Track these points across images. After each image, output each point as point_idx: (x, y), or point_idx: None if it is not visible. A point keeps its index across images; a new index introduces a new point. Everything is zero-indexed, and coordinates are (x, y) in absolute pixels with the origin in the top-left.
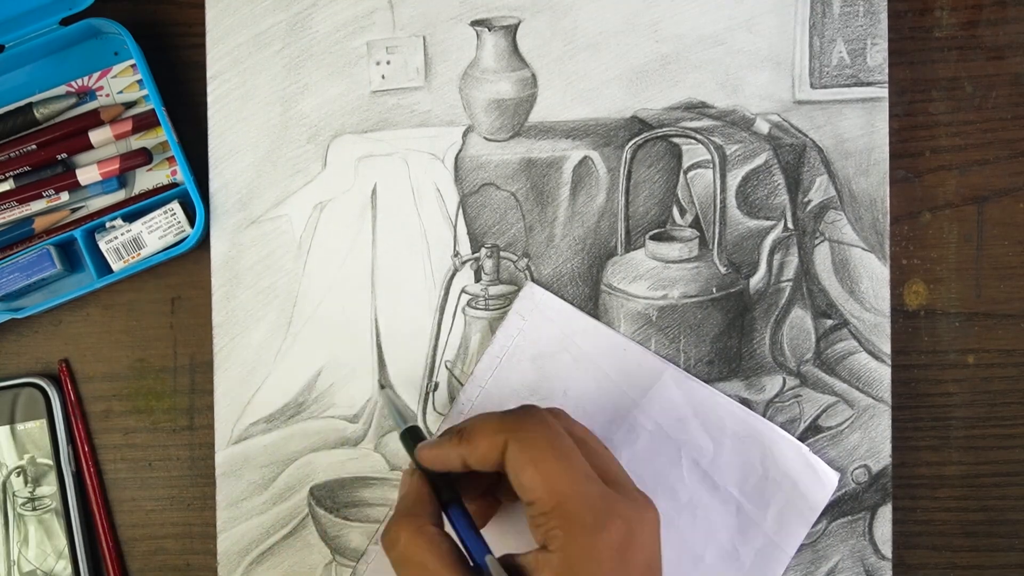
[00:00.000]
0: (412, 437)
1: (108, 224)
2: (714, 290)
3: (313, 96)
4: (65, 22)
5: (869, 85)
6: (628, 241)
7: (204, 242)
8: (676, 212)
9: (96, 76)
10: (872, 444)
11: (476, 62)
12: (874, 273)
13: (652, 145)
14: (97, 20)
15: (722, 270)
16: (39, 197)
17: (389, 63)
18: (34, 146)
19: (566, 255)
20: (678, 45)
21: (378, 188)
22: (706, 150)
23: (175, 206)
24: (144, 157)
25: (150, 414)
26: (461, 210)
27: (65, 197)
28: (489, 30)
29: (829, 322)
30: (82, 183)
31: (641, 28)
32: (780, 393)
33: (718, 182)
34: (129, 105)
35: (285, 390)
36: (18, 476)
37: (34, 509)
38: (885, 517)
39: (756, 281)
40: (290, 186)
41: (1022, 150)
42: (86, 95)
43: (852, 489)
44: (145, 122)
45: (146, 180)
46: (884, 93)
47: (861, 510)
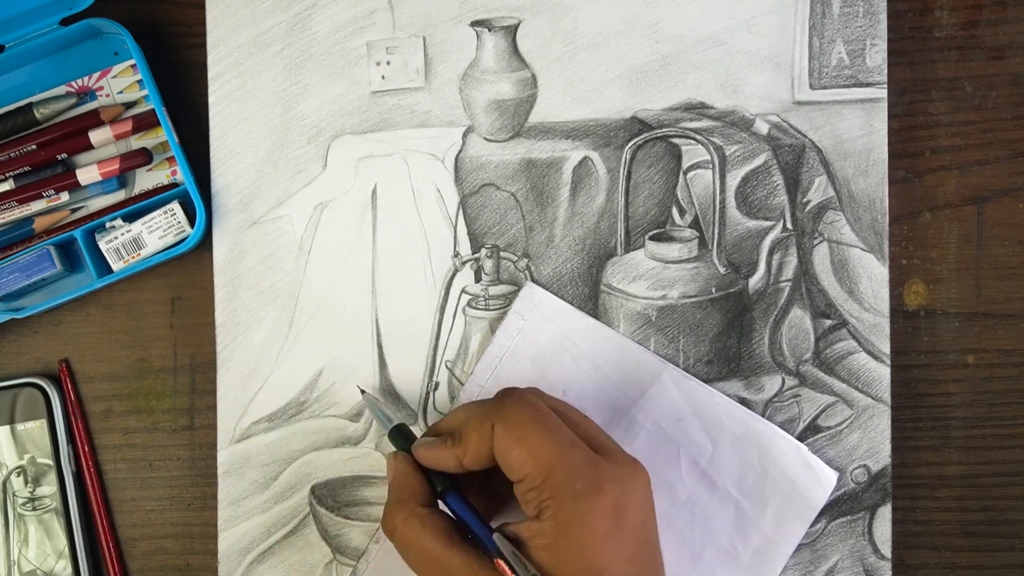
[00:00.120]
0: (400, 435)
1: (108, 224)
2: (713, 290)
3: (313, 97)
4: (65, 22)
5: (868, 86)
6: (628, 241)
7: (204, 242)
8: (676, 212)
9: (96, 76)
10: (871, 444)
11: (476, 63)
12: (873, 273)
13: (652, 146)
14: (97, 20)
15: (721, 270)
16: (39, 197)
17: (389, 63)
18: (34, 146)
19: (566, 255)
20: (678, 45)
21: (378, 188)
22: (706, 151)
23: (175, 206)
24: (144, 157)
25: (150, 414)
26: (461, 210)
27: (65, 197)
28: (489, 30)
29: (828, 322)
30: (82, 183)
31: (641, 28)
32: (779, 393)
33: (717, 182)
34: (129, 105)
35: (286, 389)
36: (18, 476)
37: (34, 509)
38: (885, 517)
39: (755, 281)
40: (291, 187)
41: (1022, 150)
42: (86, 95)
43: (851, 489)
44: (145, 122)
45: (146, 180)
46: (883, 94)
47: (860, 510)
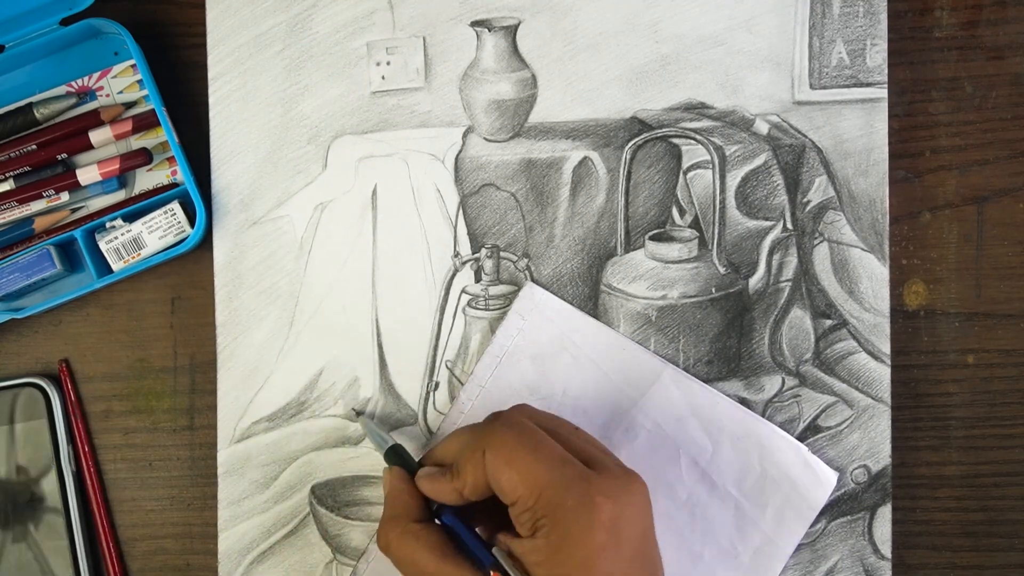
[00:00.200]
0: (396, 455)
1: (108, 224)
2: (713, 290)
3: (313, 97)
4: (65, 22)
5: (868, 86)
6: (628, 241)
7: (204, 242)
8: (676, 212)
9: (96, 76)
10: (871, 444)
11: (476, 63)
12: (873, 273)
13: (652, 146)
14: (97, 20)
15: (721, 270)
16: (39, 197)
17: (389, 64)
18: (34, 146)
19: (566, 255)
20: (678, 45)
21: (378, 189)
22: (706, 151)
23: (175, 206)
24: (144, 157)
25: (150, 414)
26: (461, 211)
27: (65, 197)
28: (489, 31)
29: (828, 322)
30: (82, 183)
31: (641, 28)
32: (779, 393)
33: (717, 183)
34: (129, 105)
35: (287, 389)
36: (19, 476)
37: (35, 509)
38: (885, 517)
39: (755, 281)
40: (291, 187)
41: (1022, 150)
42: (86, 95)
43: (851, 489)
44: (145, 122)
45: (146, 180)
46: (883, 94)
47: (860, 510)
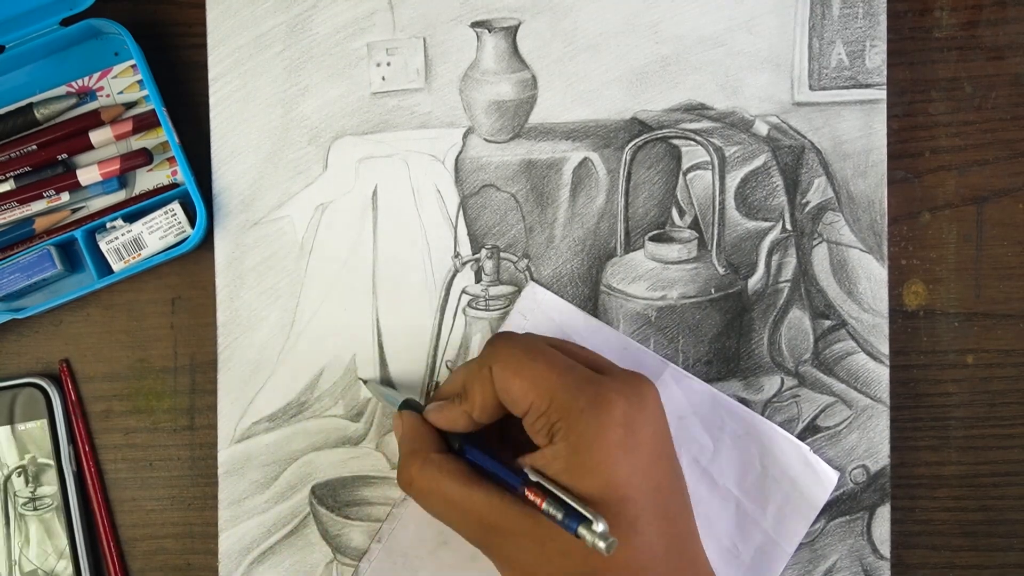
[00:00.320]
0: (410, 407)
1: (109, 224)
2: (713, 291)
3: (314, 98)
4: (65, 22)
5: (868, 87)
6: (627, 242)
7: (205, 242)
8: (675, 213)
9: (96, 76)
10: (870, 444)
11: (476, 63)
12: (872, 274)
13: (652, 147)
14: (97, 20)
15: (721, 271)
16: (40, 197)
17: (389, 65)
18: (34, 146)
19: (566, 256)
20: (678, 46)
21: (379, 189)
22: (705, 152)
23: (175, 206)
24: (145, 157)
25: (150, 414)
26: (461, 211)
27: (66, 197)
28: (489, 31)
29: (827, 323)
30: (83, 183)
31: (641, 29)
32: (778, 393)
33: (717, 183)
34: (129, 105)
35: (287, 389)
36: (19, 476)
37: (35, 509)
38: (884, 517)
39: (754, 282)
40: (291, 188)
41: (1022, 150)
42: (86, 95)
43: (850, 489)
44: (145, 122)
45: (147, 180)
46: (882, 95)
47: (859, 510)
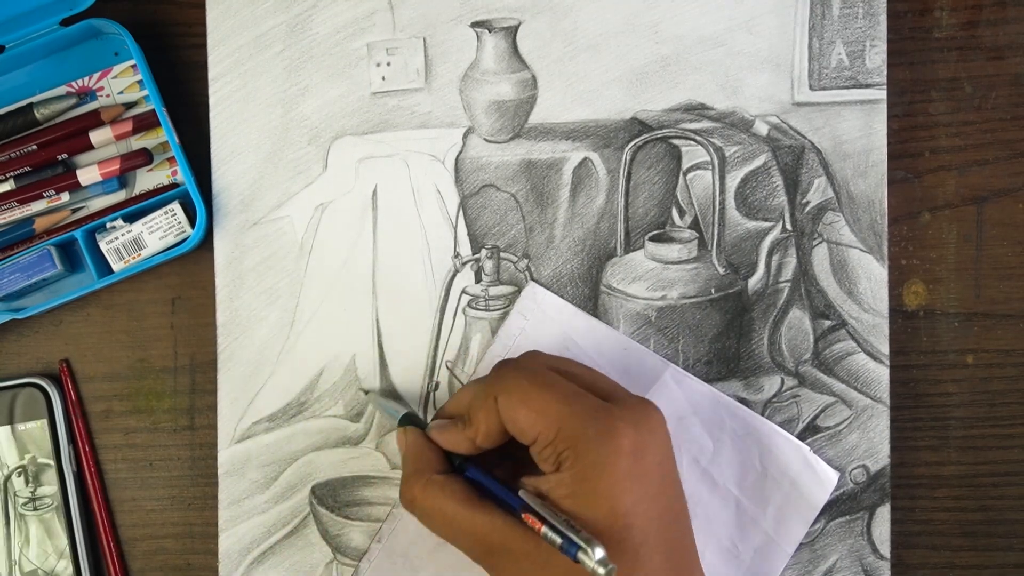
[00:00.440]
0: (411, 422)
1: (109, 224)
2: (713, 291)
3: (314, 98)
4: (65, 22)
5: (868, 87)
6: (627, 242)
7: (205, 243)
8: (675, 213)
9: (96, 76)
10: (870, 444)
11: (476, 63)
12: (872, 274)
13: (652, 147)
14: (97, 20)
15: (721, 271)
16: (40, 197)
17: (389, 64)
18: (35, 146)
19: (566, 256)
20: (678, 46)
21: (379, 189)
22: (705, 152)
23: (175, 206)
24: (145, 157)
25: (150, 414)
26: (461, 211)
27: (66, 197)
28: (489, 31)
29: (827, 323)
30: (83, 183)
31: (641, 29)
32: (778, 393)
33: (717, 183)
34: (129, 105)
35: (287, 389)
36: (19, 476)
37: (35, 509)
38: (883, 517)
39: (754, 282)
40: (291, 188)
41: (1022, 150)
42: (86, 95)
43: (850, 489)
44: (145, 122)
45: (147, 180)
46: (883, 95)
47: (859, 510)
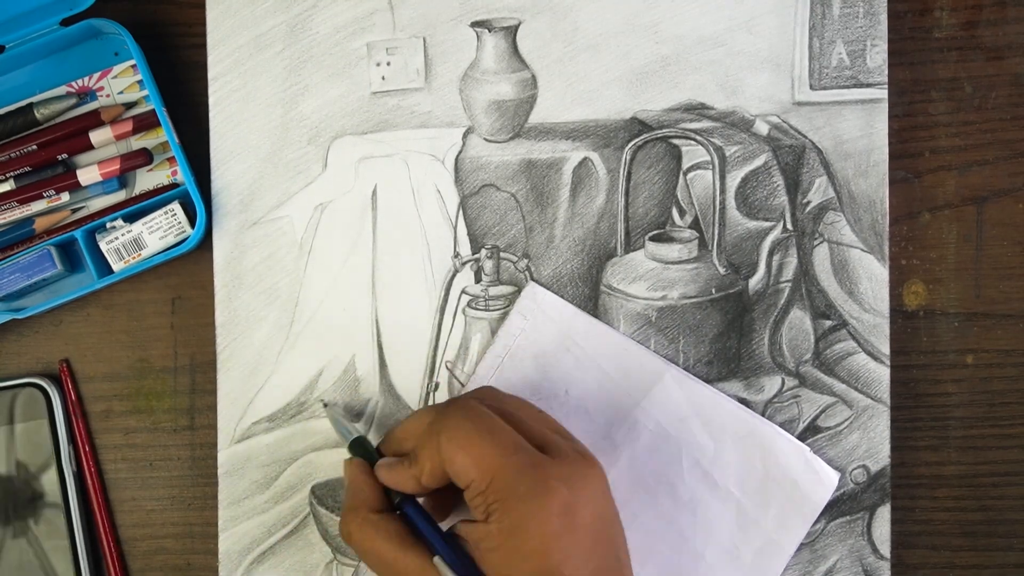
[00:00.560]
0: (360, 446)
1: (109, 224)
2: (713, 291)
3: (313, 97)
4: (65, 22)
5: (868, 86)
6: (628, 242)
7: (204, 242)
8: (675, 213)
9: (96, 76)
10: (871, 444)
11: (476, 63)
12: (873, 274)
13: (652, 146)
14: (97, 20)
15: (721, 271)
16: (40, 197)
17: (389, 64)
18: (35, 146)
19: (566, 256)
20: (678, 46)
21: (378, 189)
22: (706, 151)
23: (175, 206)
24: (145, 157)
25: (150, 414)
26: (461, 211)
27: (66, 197)
28: (489, 31)
29: (828, 323)
30: (83, 183)
31: (641, 29)
32: (779, 393)
33: (717, 183)
34: (129, 105)
35: (287, 389)
36: (19, 476)
37: (35, 509)
38: (884, 517)
39: (755, 282)
40: (291, 187)
41: (1022, 150)
42: (86, 95)
43: (851, 489)
44: (145, 122)
45: (147, 180)
46: (883, 94)
47: (860, 510)
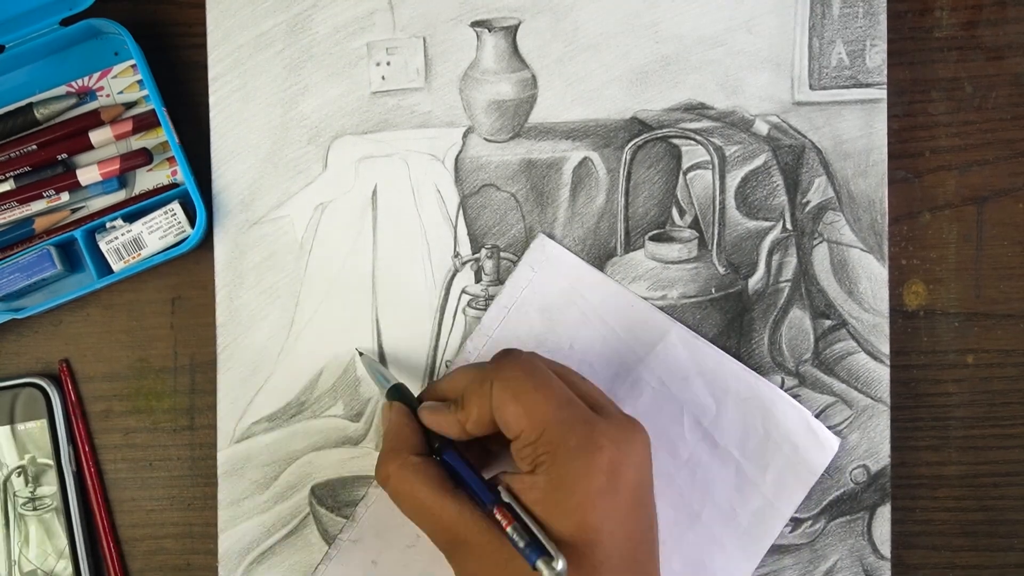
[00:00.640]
0: (399, 393)
1: (108, 224)
2: (713, 290)
3: (313, 97)
4: (65, 22)
5: (868, 86)
6: (627, 242)
7: (204, 242)
8: (675, 213)
9: (96, 76)
10: (871, 444)
11: (476, 63)
12: (873, 274)
13: (652, 146)
14: (97, 20)
15: (721, 271)
16: (39, 197)
17: (389, 64)
18: (34, 146)
19: None
20: (678, 46)
21: (379, 189)
22: (705, 151)
23: (175, 206)
24: (144, 157)
25: (150, 414)
26: (461, 211)
27: (65, 197)
28: (489, 31)
29: (828, 322)
30: (82, 183)
31: (641, 29)
32: None
33: (717, 183)
34: (129, 105)
35: (287, 389)
36: (19, 476)
37: (35, 509)
38: (884, 517)
39: (755, 282)
40: (291, 187)
41: (1022, 150)
42: (86, 95)
43: (851, 489)
44: (145, 122)
45: (146, 180)
46: (883, 95)
47: (860, 510)
